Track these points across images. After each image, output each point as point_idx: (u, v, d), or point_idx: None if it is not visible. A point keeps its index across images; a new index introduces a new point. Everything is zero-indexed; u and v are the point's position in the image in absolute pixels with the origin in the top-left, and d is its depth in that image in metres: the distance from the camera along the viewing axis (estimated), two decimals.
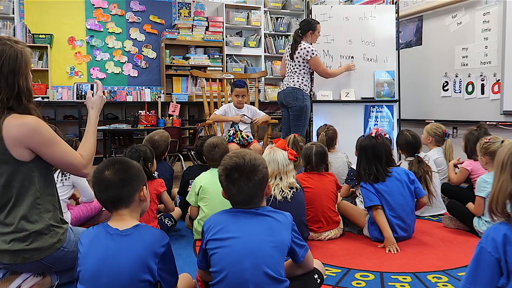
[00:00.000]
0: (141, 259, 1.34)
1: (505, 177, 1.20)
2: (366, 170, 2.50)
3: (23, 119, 1.63)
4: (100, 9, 6.20)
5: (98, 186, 1.43)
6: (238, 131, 3.79)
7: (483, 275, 1.18)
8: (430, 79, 4.80)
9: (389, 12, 4.61)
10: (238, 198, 1.46)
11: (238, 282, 1.36)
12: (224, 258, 1.39)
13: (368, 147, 2.51)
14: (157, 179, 2.54)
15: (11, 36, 1.72)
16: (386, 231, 2.37)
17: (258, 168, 1.45)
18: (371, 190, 2.45)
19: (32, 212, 1.67)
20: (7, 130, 1.61)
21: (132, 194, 1.44)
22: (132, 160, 1.51)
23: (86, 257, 1.37)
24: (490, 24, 4.11)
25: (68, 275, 1.85)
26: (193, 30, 6.34)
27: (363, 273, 2.03)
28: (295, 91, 4.12)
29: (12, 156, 1.63)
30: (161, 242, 1.39)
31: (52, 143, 1.67)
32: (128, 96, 6.24)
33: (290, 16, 6.94)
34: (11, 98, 1.63)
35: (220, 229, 1.43)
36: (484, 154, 2.58)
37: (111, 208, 1.45)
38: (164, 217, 2.60)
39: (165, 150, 3.06)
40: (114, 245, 1.36)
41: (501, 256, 1.15)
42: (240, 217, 1.46)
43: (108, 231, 1.40)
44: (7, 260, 1.67)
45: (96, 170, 1.45)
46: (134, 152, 2.44)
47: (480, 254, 1.19)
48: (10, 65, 1.63)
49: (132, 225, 1.42)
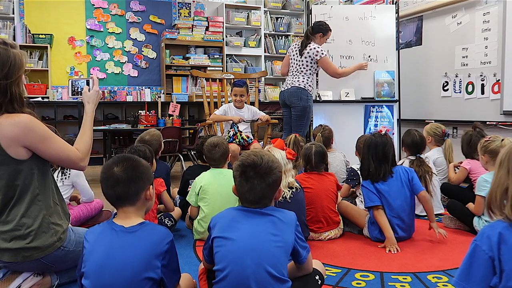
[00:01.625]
0: (146, 256, 1.35)
1: (502, 173, 1.21)
2: (371, 169, 2.46)
3: (15, 117, 1.63)
4: (100, 9, 6.20)
5: (106, 182, 1.43)
6: (238, 132, 3.79)
7: (476, 272, 1.18)
8: (430, 79, 4.80)
9: (389, 12, 4.61)
10: (249, 196, 1.47)
11: (239, 279, 1.36)
12: (227, 255, 1.40)
13: (379, 144, 2.47)
14: (157, 178, 2.54)
15: (6, 39, 1.70)
16: (388, 231, 2.37)
17: (273, 171, 1.47)
18: (372, 190, 2.44)
19: (33, 209, 1.67)
20: (0, 130, 1.61)
21: (139, 192, 1.45)
22: (141, 159, 1.51)
23: (91, 253, 1.38)
24: (490, 24, 4.11)
25: (68, 275, 1.85)
26: (193, 30, 6.34)
27: (363, 273, 2.03)
28: (300, 91, 4.06)
29: (9, 156, 1.63)
30: (166, 239, 1.40)
31: (47, 138, 1.68)
32: (128, 96, 6.24)
33: (290, 16, 6.94)
34: (3, 104, 1.63)
35: (225, 227, 1.44)
36: (484, 153, 2.59)
37: (117, 205, 1.45)
38: (164, 217, 2.60)
39: (158, 149, 3.04)
40: (119, 241, 1.37)
41: (495, 255, 1.15)
42: (246, 216, 1.47)
43: (113, 227, 1.41)
44: (7, 258, 1.67)
45: (105, 166, 1.46)
46: (134, 152, 2.43)
47: (474, 252, 1.19)
48: (2, 71, 1.61)
49: (137, 223, 1.42)
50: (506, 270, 1.13)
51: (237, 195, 1.52)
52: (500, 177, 1.21)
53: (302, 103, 4.05)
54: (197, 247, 2.40)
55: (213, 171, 2.56)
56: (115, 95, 6.17)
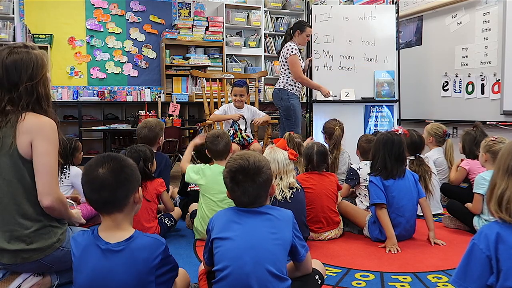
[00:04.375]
0: (138, 276, 1.29)
1: (500, 174, 1.22)
2: (388, 165, 2.43)
3: (39, 118, 1.69)
4: (100, 9, 6.20)
5: (89, 186, 1.31)
6: (238, 130, 3.79)
7: (473, 271, 1.19)
8: (430, 79, 4.80)
9: (389, 12, 4.61)
10: (243, 199, 1.47)
11: (239, 277, 1.36)
12: (226, 254, 1.40)
13: (396, 143, 2.44)
14: (157, 179, 2.54)
15: (25, 42, 1.76)
16: (389, 231, 2.36)
17: (262, 170, 1.46)
18: (380, 187, 2.41)
19: (33, 211, 1.67)
20: (22, 125, 1.65)
21: (127, 196, 1.34)
22: (127, 157, 1.40)
23: (78, 270, 1.32)
24: (490, 24, 4.11)
25: (68, 275, 1.84)
26: (193, 30, 6.34)
27: (363, 273, 2.03)
28: (280, 92, 4.22)
29: (19, 154, 1.65)
30: (157, 251, 1.32)
31: (50, 145, 1.68)
32: (128, 96, 6.24)
33: (290, 16, 6.93)
34: (30, 103, 1.69)
35: (223, 228, 1.44)
36: (486, 152, 2.58)
37: (103, 211, 1.34)
38: (164, 217, 2.60)
39: (161, 135, 3.03)
40: (106, 262, 1.28)
41: (492, 254, 1.16)
42: (243, 215, 1.47)
43: (99, 245, 1.31)
44: (6, 260, 1.67)
45: (88, 168, 1.33)
46: (134, 153, 2.43)
47: (472, 250, 1.20)
48: (28, 72, 1.68)
49: (124, 237, 1.32)
50: (504, 269, 1.13)
51: (231, 199, 1.52)
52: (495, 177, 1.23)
53: (284, 103, 4.17)
54: (197, 247, 2.40)
55: (217, 169, 2.50)
56: (115, 95, 6.16)
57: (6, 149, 1.65)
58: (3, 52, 1.71)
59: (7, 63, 1.68)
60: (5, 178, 1.66)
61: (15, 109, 1.68)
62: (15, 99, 1.68)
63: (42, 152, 1.67)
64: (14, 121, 1.66)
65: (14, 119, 1.66)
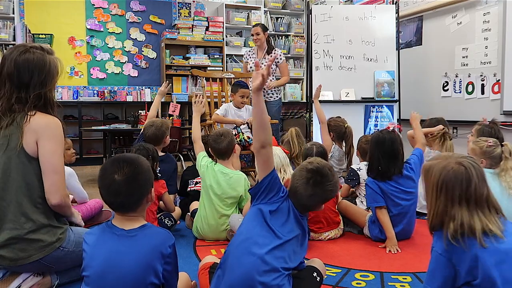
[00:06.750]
0: (147, 261, 1.32)
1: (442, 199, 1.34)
2: (381, 166, 2.41)
3: (46, 117, 1.71)
4: (100, 9, 6.20)
5: (106, 190, 1.37)
6: (240, 132, 3.79)
7: (437, 274, 1.33)
8: (430, 79, 4.80)
9: (389, 12, 4.61)
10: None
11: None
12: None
13: (387, 141, 2.41)
14: (159, 180, 2.54)
15: (43, 44, 1.78)
16: (389, 231, 2.37)
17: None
18: (376, 190, 2.41)
19: (34, 210, 1.67)
20: (28, 124, 1.66)
21: (141, 199, 1.41)
22: (141, 160, 1.43)
23: (92, 258, 1.35)
24: (490, 24, 4.11)
25: (68, 275, 1.85)
26: (193, 30, 6.34)
27: (363, 273, 2.03)
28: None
29: (26, 152, 1.66)
30: (168, 242, 1.38)
31: (56, 144, 1.70)
32: (128, 96, 6.24)
33: (290, 16, 6.93)
34: (37, 106, 1.71)
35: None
36: (487, 158, 2.46)
37: (118, 211, 1.42)
38: (164, 217, 2.60)
39: (167, 134, 3.03)
40: (120, 246, 1.34)
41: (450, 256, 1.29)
42: None
43: (113, 231, 1.37)
44: (7, 262, 1.67)
45: (103, 172, 1.38)
46: (142, 150, 2.44)
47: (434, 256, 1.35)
48: (40, 77, 1.70)
49: (138, 225, 1.39)
50: (460, 271, 1.25)
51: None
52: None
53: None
54: (197, 247, 2.40)
55: (219, 169, 2.49)
56: (115, 95, 6.16)
57: (13, 147, 1.66)
58: (18, 49, 1.71)
59: (19, 61, 1.69)
60: (10, 175, 1.66)
61: (22, 108, 1.69)
62: (23, 99, 1.69)
63: (48, 151, 1.68)
64: (20, 120, 1.66)
65: (20, 118, 1.67)
